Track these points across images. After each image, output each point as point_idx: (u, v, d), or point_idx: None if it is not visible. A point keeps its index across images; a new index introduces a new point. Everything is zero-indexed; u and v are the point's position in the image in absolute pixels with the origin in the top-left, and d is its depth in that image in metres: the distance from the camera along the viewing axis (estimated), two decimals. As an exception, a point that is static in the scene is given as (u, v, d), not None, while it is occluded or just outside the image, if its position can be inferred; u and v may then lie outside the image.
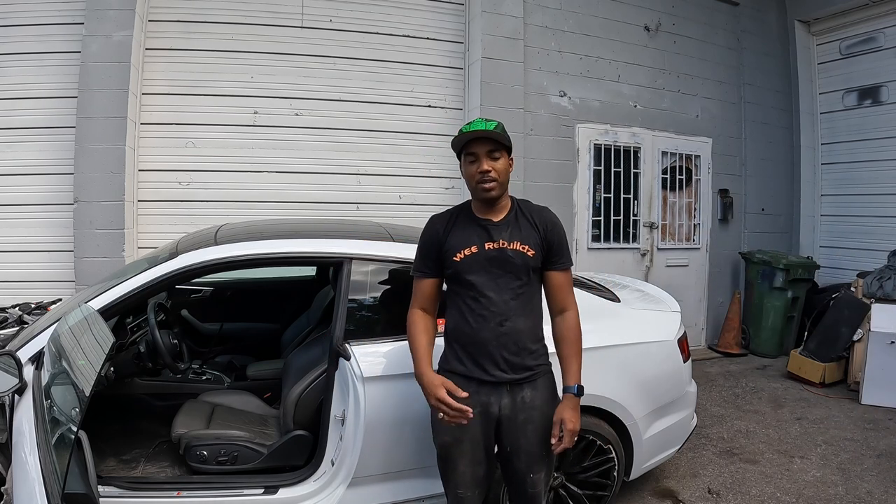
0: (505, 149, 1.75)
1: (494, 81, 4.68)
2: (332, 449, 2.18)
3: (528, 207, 1.85)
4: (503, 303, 1.73)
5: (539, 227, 1.79)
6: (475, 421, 1.74)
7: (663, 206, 5.53)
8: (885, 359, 4.13)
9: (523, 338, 1.76)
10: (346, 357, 2.10)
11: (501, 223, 1.78)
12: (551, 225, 1.80)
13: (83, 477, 1.42)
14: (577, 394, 1.76)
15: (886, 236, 5.41)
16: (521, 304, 1.76)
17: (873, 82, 5.65)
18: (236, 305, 3.66)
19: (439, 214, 1.90)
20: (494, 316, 1.73)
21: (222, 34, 4.24)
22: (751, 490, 2.92)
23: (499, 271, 1.74)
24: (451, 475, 1.84)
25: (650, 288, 3.25)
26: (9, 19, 3.94)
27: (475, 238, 1.76)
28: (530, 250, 1.75)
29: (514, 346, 1.75)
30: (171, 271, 2.17)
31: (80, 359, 1.54)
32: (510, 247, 1.74)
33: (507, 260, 1.74)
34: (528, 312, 1.78)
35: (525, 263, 1.75)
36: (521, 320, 1.75)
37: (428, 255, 1.84)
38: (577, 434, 1.75)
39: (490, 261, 1.74)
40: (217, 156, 4.24)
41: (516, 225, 1.78)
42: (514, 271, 1.74)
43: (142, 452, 2.52)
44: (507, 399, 1.77)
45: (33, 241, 3.96)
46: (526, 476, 1.81)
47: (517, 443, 1.78)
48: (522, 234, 1.77)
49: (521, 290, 1.75)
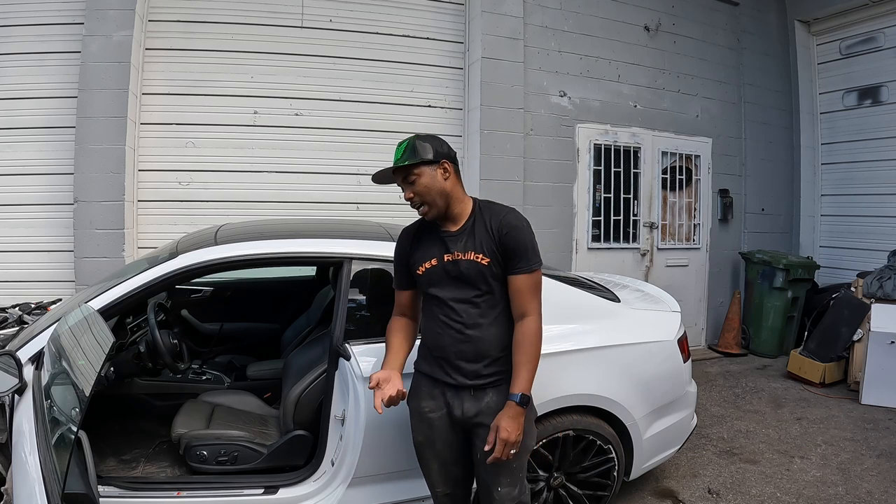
0: (423, 163, 1.70)
1: (494, 81, 4.68)
2: (332, 449, 2.18)
3: (489, 212, 1.77)
4: (463, 312, 1.73)
5: (494, 231, 1.72)
6: (443, 422, 1.78)
7: (663, 206, 5.52)
8: (885, 359, 4.12)
9: (485, 346, 1.73)
10: (346, 357, 2.10)
11: (458, 233, 1.76)
12: (507, 228, 1.71)
13: (83, 477, 1.42)
14: (520, 403, 1.67)
15: (886, 236, 5.41)
16: (483, 312, 1.73)
17: (873, 82, 5.65)
18: (236, 305, 3.66)
19: (408, 228, 1.90)
20: (454, 324, 1.73)
21: (222, 34, 4.24)
22: (751, 490, 2.92)
23: (458, 282, 1.73)
24: (427, 474, 1.89)
25: (650, 288, 3.25)
26: (9, 19, 3.94)
27: (435, 250, 1.76)
28: (484, 258, 1.71)
29: (472, 354, 1.73)
30: (171, 271, 2.17)
31: (80, 359, 1.54)
32: (464, 257, 1.72)
33: (462, 271, 1.72)
34: (491, 320, 1.74)
35: (480, 272, 1.71)
36: (482, 329, 1.73)
37: (400, 270, 1.88)
38: (514, 446, 1.66)
39: (448, 272, 1.74)
40: (217, 156, 4.25)
41: (472, 233, 1.74)
42: (471, 282, 1.72)
43: (142, 452, 2.52)
44: (471, 403, 1.75)
45: (33, 241, 3.96)
46: (492, 489, 1.75)
47: (477, 445, 1.76)
48: (476, 241, 1.73)
49: (481, 299, 1.73)
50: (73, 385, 1.48)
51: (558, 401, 2.31)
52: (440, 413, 1.79)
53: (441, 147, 1.76)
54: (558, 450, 2.38)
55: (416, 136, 1.75)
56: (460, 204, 1.78)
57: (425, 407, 1.81)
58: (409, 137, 1.75)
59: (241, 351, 3.45)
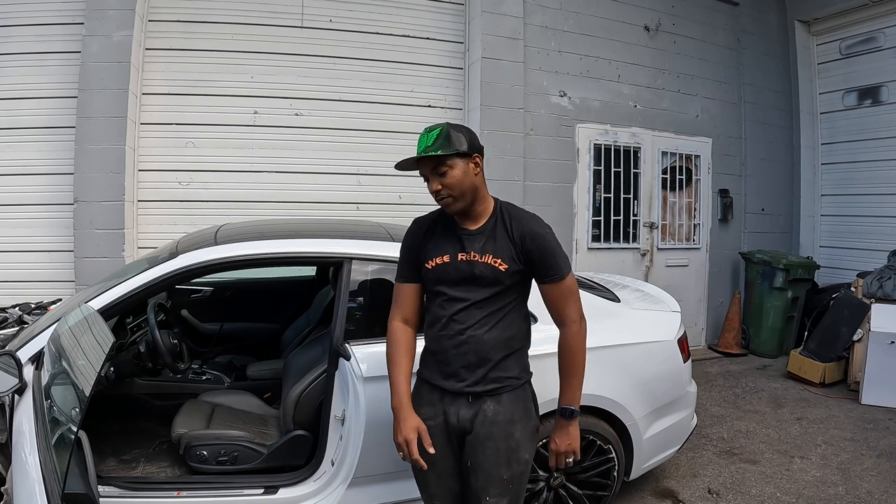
0: (457, 155, 1.61)
1: (494, 81, 4.68)
2: (332, 449, 2.18)
3: (511, 215, 1.69)
4: (468, 312, 1.64)
5: (516, 238, 1.64)
6: (440, 430, 1.69)
7: (663, 206, 5.52)
8: (885, 359, 4.13)
9: (487, 349, 1.64)
10: (346, 357, 2.10)
11: (477, 232, 1.67)
12: (531, 236, 1.63)
13: (83, 477, 1.42)
14: (564, 416, 1.64)
15: (886, 236, 5.41)
16: (490, 315, 1.65)
17: (873, 82, 5.65)
18: (236, 305, 3.66)
19: (422, 217, 1.82)
20: (457, 325, 1.65)
21: (222, 34, 4.24)
22: (751, 490, 2.92)
23: (468, 282, 1.65)
24: (424, 487, 1.77)
25: (650, 288, 3.25)
26: (9, 19, 3.94)
27: (449, 247, 1.68)
28: (503, 264, 1.62)
29: (473, 358, 1.65)
30: (171, 271, 2.17)
31: (80, 359, 1.54)
32: (481, 259, 1.64)
33: (477, 272, 1.63)
34: (498, 323, 1.66)
35: (496, 277, 1.63)
36: (486, 331, 1.64)
37: (409, 260, 1.77)
38: (568, 455, 1.69)
39: (460, 271, 1.65)
40: (217, 156, 4.25)
41: (492, 235, 1.66)
42: (485, 284, 1.64)
43: (142, 452, 2.52)
44: (468, 411, 1.67)
45: (33, 241, 3.96)
46: (481, 498, 1.66)
47: (475, 458, 1.66)
48: (497, 245, 1.64)
49: (490, 301, 1.64)
50: (73, 385, 1.48)
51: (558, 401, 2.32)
52: (438, 420, 1.70)
53: (475, 139, 1.67)
54: (558, 450, 2.37)
55: (450, 125, 1.65)
56: (484, 202, 1.70)
57: (423, 414, 1.72)
58: (439, 124, 1.65)
59: (241, 351, 3.45)
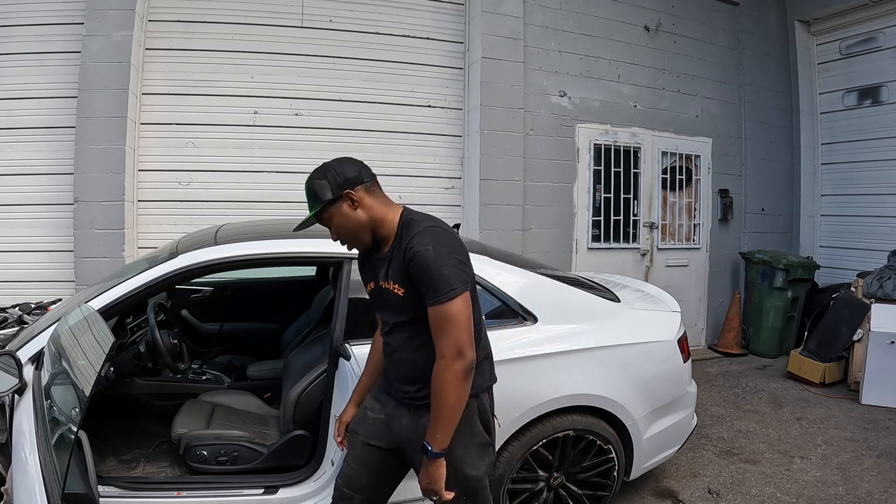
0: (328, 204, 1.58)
1: (494, 81, 4.68)
2: (332, 449, 2.18)
3: (405, 233, 1.58)
4: (394, 336, 1.68)
5: (406, 258, 1.53)
6: (376, 424, 1.75)
7: (663, 206, 5.52)
8: (885, 359, 4.12)
9: (416, 370, 1.62)
10: (346, 357, 2.10)
11: (384, 258, 1.64)
12: (411, 255, 1.50)
13: (83, 477, 1.42)
14: (424, 453, 1.52)
15: (886, 236, 5.41)
16: (407, 338, 1.64)
17: (873, 82, 5.64)
18: (236, 305, 3.66)
19: None
20: (388, 346, 1.72)
21: (222, 34, 4.24)
22: (751, 490, 2.93)
23: (387, 307, 1.67)
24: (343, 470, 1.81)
25: (650, 288, 3.25)
26: (9, 19, 3.94)
27: (372, 275, 1.71)
28: (399, 289, 1.58)
29: (405, 377, 1.67)
30: (171, 271, 2.17)
31: (80, 359, 1.54)
32: (387, 286, 1.62)
33: (388, 298, 1.64)
34: (414, 347, 1.63)
35: (399, 303, 1.60)
36: (413, 353, 1.64)
37: None
38: (430, 494, 1.58)
39: (380, 297, 1.68)
40: (217, 156, 4.24)
41: (392, 260, 1.61)
42: (396, 310, 1.64)
43: (142, 452, 2.52)
44: (409, 420, 1.67)
45: (33, 241, 3.96)
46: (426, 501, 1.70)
47: (416, 467, 1.66)
48: (392, 269, 1.60)
49: (409, 325, 1.63)
50: (73, 385, 1.48)
51: (558, 401, 2.32)
52: (378, 416, 1.75)
53: (337, 177, 1.58)
54: (558, 450, 2.38)
55: (313, 176, 1.61)
56: (384, 226, 1.62)
57: (367, 405, 1.81)
58: (308, 178, 1.62)
59: (241, 351, 3.45)
